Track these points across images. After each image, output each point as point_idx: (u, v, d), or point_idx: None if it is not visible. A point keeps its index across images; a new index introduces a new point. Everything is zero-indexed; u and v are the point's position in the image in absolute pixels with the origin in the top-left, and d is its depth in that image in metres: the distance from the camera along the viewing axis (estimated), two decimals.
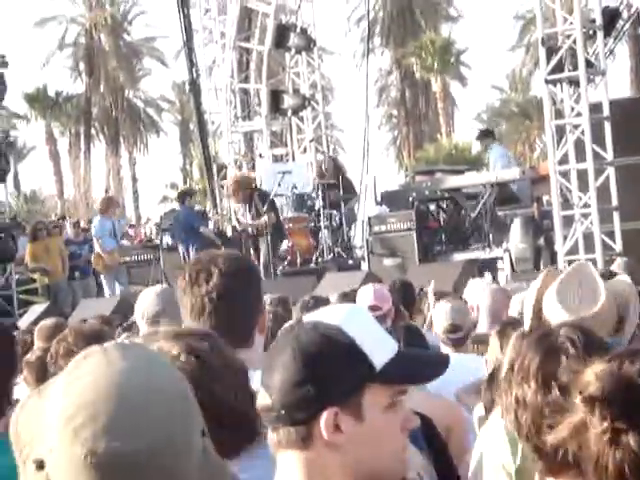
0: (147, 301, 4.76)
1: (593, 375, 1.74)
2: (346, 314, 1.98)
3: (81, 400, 1.44)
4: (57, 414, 1.45)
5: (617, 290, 3.61)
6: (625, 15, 16.89)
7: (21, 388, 4.96)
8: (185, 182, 46.58)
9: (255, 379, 2.13)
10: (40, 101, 53.41)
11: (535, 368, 2.36)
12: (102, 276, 16.76)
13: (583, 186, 12.67)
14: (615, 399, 1.71)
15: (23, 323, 12.32)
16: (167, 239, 17.40)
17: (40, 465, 1.47)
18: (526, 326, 3.52)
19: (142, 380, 1.47)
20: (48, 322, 6.71)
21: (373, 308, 6.04)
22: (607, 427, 1.70)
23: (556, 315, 3.43)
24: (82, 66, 55.27)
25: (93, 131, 55.12)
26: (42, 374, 4.77)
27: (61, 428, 1.44)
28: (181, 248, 15.92)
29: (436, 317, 5.95)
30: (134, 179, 54.95)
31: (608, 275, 3.85)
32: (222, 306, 2.91)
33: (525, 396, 2.34)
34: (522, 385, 2.35)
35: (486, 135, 17.23)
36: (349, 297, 6.77)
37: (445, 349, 5.86)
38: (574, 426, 1.76)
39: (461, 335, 5.82)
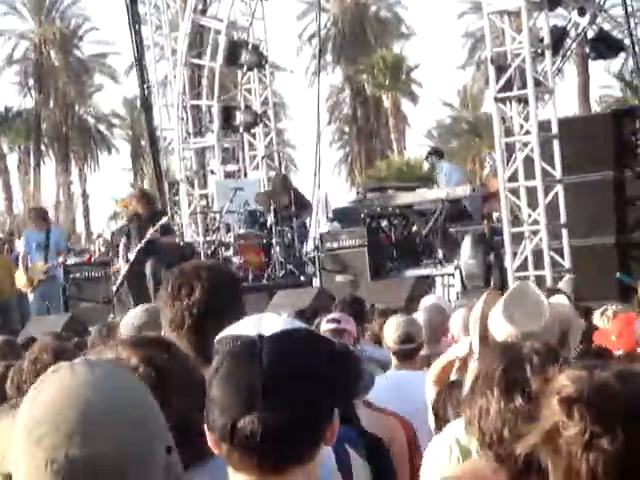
0: (132, 318, 4.72)
1: (568, 379, 1.76)
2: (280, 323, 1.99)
3: (45, 411, 1.47)
4: (22, 425, 1.48)
5: (557, 307, 3.70)
6: (572, 34, 17.11)
7: None
8: None
9: None
10: None
11: (499, 376, 2.40)
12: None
13: (532, 203, 12.80)
14: (592, 401, 1.72)
15: None
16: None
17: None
18: (474, 346, 3.59)
19: (105, 393, 1.48)
20: None
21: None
22: (583, 429, 1.71)
23: (503, 331, 3.50)
24: (31, 82, 54.89)
25: (43, 147, 54.72)
26: None
27: (25, 438, 1.46)
28: None
29: (387, 329, 5.95)
30: (84, 195, 54.57)
31: (551, 292, 3.95)
32: (201, 321, 2.88)
33: (489, 405, 2.38)
34: (486, 394, 2.39)
35: (432, 153, 17.72)
36: (305, 314, 6.78)
37: (396, 362, 5.87)
38: (547, 431, 1.75)
39: (412, 346, 5.80)
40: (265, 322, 1.96)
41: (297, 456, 1.91)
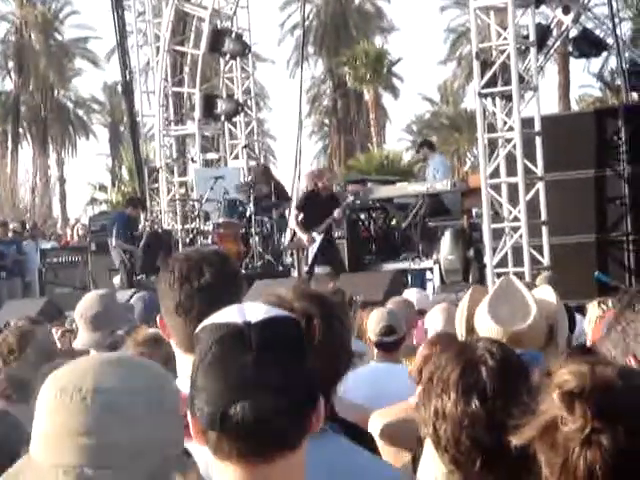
0: (87, 303, 4.70)
1: (570, 373, 1.73)
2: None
3: (72, 366, 1.63)
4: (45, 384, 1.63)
5: (544, 302, 3.64)
6: (555, 33, 17.14)
7: None
8: (114, 185, 46.14)
9: None
10: None
11: (455, 379, 2.36)
12: None
13: (513, 200, 12.81)
14: (594, 397, 1.70)
15: None
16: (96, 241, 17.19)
17: None
18: None
19: (126, 375, 1.65)
20: None
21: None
22: (584, 425, 1.68)
23: (489, 329, 3.44)
24: (11, 64, 54.54)
25: (21, 130, 54.39)
26: None
27: (45, 386, 1.61)
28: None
29: (370, 322, 5.90)
30: (62, 180, 54.30)
31: (531, 287, 3.88)
32: (211, 305, 2.86)
33: (444, 407, 2.34)
34: (441, 396, 2.35)
35: (424, 145, 17.59)
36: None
37: (378, 355, 5.83)
38: (545, 425, 1.72)
39: (395, 339, 5.75)
40: (249, 310, 1.94)
41: (287, 442, 1.90)
